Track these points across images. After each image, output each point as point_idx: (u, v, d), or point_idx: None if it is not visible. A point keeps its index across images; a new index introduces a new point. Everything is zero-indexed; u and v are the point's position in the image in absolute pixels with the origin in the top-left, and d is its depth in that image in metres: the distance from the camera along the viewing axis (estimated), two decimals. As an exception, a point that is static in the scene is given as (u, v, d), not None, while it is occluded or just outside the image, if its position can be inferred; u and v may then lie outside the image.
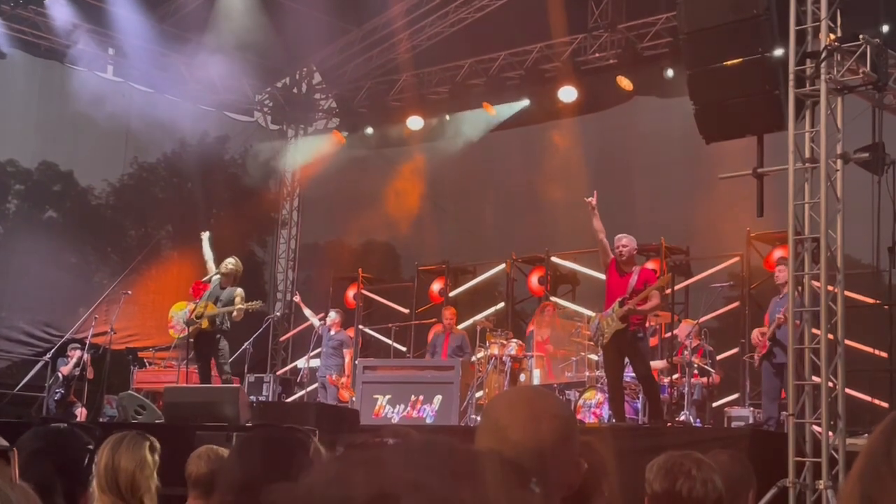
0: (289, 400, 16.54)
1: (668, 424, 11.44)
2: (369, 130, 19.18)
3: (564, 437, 2.22)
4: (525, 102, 17.46)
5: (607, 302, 11.05)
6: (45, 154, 18.18)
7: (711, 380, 12.74)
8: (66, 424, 3.42)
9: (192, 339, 12.63)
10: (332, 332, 15.27)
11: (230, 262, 12.90)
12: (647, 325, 11.60)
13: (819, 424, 8.72)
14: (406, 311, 17.39)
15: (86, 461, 3.31)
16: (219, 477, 3.30)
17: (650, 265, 14.11)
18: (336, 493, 1.19)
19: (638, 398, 12.03)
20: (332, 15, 17.36)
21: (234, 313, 12.53)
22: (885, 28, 9.50)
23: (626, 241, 11.12)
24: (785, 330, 11.08)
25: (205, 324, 12.52)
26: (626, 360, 11.25)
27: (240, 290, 12.80)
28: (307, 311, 16.25)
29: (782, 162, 9.34)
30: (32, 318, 17.14)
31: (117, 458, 4.12)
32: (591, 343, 12.92)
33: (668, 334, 13.57)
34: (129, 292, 16.12)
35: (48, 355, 16.18)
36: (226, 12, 16.74)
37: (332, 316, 15.48)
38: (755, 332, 11.70)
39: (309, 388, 16.36)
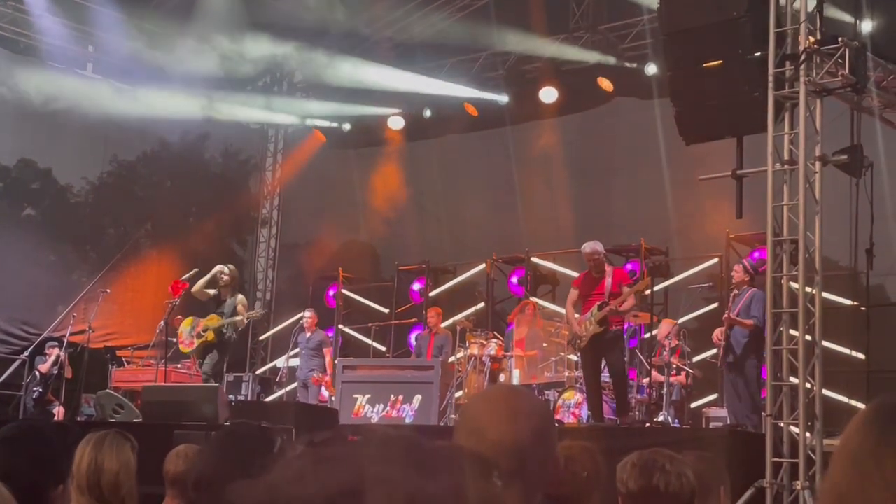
0: (268, 399, 16.49)
1: (647, 425, 11.49)
2: (348, 127, 19.15)
3: (542, 436, 2.23)
4: (504, 98, 17.45)
5: (585, 307, 11.15)
6: (24, 151, 18.06)
7: (689, 380, 12.79)
8: (41, 420, 3.42)
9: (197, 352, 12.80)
10: (309, 335, 15.21)
11: (224, 272, 12.90)
12: (625, 325, 11.67)
13: (796, 425, 8.75)
14: (386, 310, 17.37)
15: (62, 458, 3.29)
16: (188, 475, 3.30)
17: (629, 266, 14.16)
18: (299, 490, 1.17)
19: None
20: (313, 13, 17.31)
21: (238, 321, 12.64)
22: (867, 27, 9.52)
23: (590, 251, 11.27)
24: (737, 331, 11.20)
25: (210, 336, 12.60)
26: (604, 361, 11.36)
27: (241, 298, 12.86)
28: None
29: (762, 163, 9.38)
30: (10, 315, 17.02)
31: (101, 458, 4.08)
32: (571, 345, 13.00)
33: (647, 335, 13.61)
34: (108, 290, 16.04)
35: (26, 353, 16.09)
36: (206, 10, 16.67)
37: (307, 315, 15.37)
38: (716, 332, 11.69)
39: (288, 388, 16.31)
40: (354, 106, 18.62)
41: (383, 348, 16.75)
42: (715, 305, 14.26)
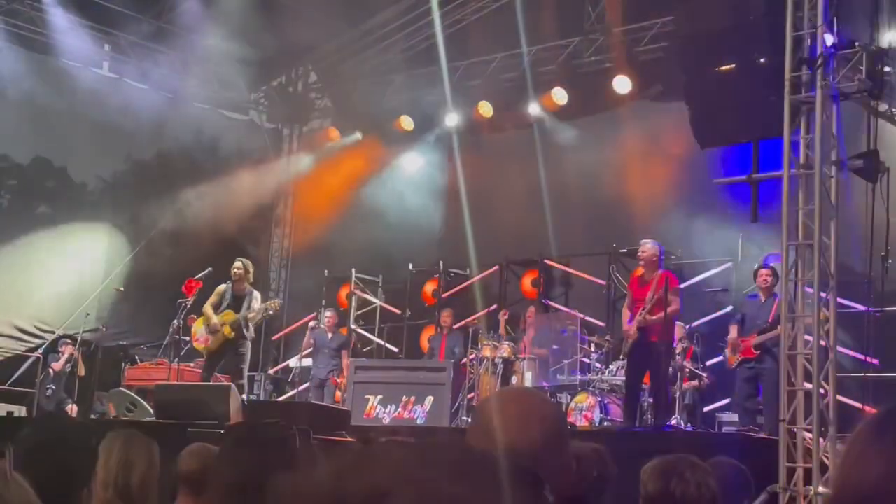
0: (280, 399, 16.52)
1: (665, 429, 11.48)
2: (364, 130, 19.14)
3: (556, 439, 2.22)
4: (515, 101, 17.40)
5: (634, 310, 11.19)
6: (39, 150, 18.10)
7: (702, 383, 12.76)
8: (67, 420, 3.42)
9: (214, 350, 12.65)
10: (331, 335, 15.31)
11: (236, 264, 12.84)
12: (675, 335, 11.65)
13: (810, 430, 8.72)
14: (399, 311, 17.37)
15: (88, 460, 3.30)
16: (210, 475, 3.30)
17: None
18: (331, 487, 1.18)
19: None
20: (328, 14, 17.34)
21: (252, 314, 12.50)
22: (885, 31, 9.49)
23: (642, 247, 11.33)
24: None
25: (227, 331, 12.49)
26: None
27: (256, 294, 12.80)
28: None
29: (777, 167, 9.35)
30: (24, 313, 17.07)
31: (132, 457, 4.06)
32: (585, 347, 13.04)
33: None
34: (122, 289, 16.08)
35: (39, 351, 16.14)
36: (222, 9, 16.69)
37: (327, 315, 15.47)
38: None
39: (300, 388, 16.33)
40: (368, 107, 18.58)
41: (395, 349, 16.76)
42: (729, 308, 14.21)
